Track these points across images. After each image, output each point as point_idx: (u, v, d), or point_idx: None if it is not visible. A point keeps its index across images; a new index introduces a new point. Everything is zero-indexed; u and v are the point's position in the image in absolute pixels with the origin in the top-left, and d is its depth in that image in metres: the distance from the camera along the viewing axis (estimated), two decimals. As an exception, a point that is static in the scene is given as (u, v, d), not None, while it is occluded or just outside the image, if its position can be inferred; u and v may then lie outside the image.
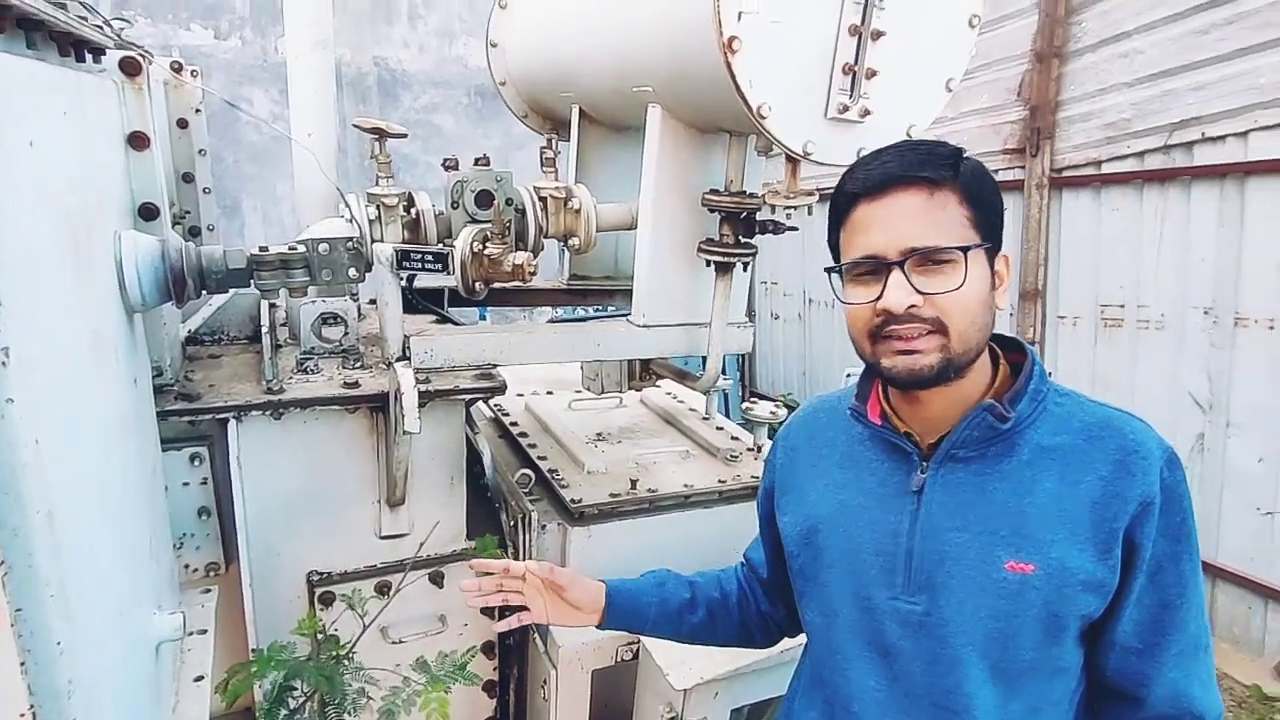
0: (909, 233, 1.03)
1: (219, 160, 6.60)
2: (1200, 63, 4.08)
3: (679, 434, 2.67)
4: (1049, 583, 1.03)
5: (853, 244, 1.09)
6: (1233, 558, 4.19)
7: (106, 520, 0.93)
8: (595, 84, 2.29)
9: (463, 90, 7.35)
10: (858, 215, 1.08)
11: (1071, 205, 4.92)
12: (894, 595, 1.11)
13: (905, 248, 1.02)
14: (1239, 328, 4.07)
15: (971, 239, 1.04)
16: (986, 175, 1.08)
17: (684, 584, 1.42)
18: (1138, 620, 1.06)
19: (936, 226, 1.03)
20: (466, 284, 1.81)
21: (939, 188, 1.03)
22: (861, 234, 1.07)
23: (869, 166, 1.07)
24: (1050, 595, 1.03)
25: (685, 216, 2.09)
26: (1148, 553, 1.03)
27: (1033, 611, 1.04)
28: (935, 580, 1.08)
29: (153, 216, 1.39)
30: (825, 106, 1.61)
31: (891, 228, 1.04)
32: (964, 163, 1.05)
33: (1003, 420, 1.06)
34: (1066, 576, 1.02)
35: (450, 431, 1.95)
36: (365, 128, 1.93)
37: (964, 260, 1.02)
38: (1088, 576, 1.02)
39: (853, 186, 1.08)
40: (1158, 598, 1.05)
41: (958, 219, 1.04)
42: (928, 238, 1.02)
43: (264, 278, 1.33)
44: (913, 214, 1.03)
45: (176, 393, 1.68)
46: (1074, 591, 1.03)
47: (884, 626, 1.12)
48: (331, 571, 1.91)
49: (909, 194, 1.04)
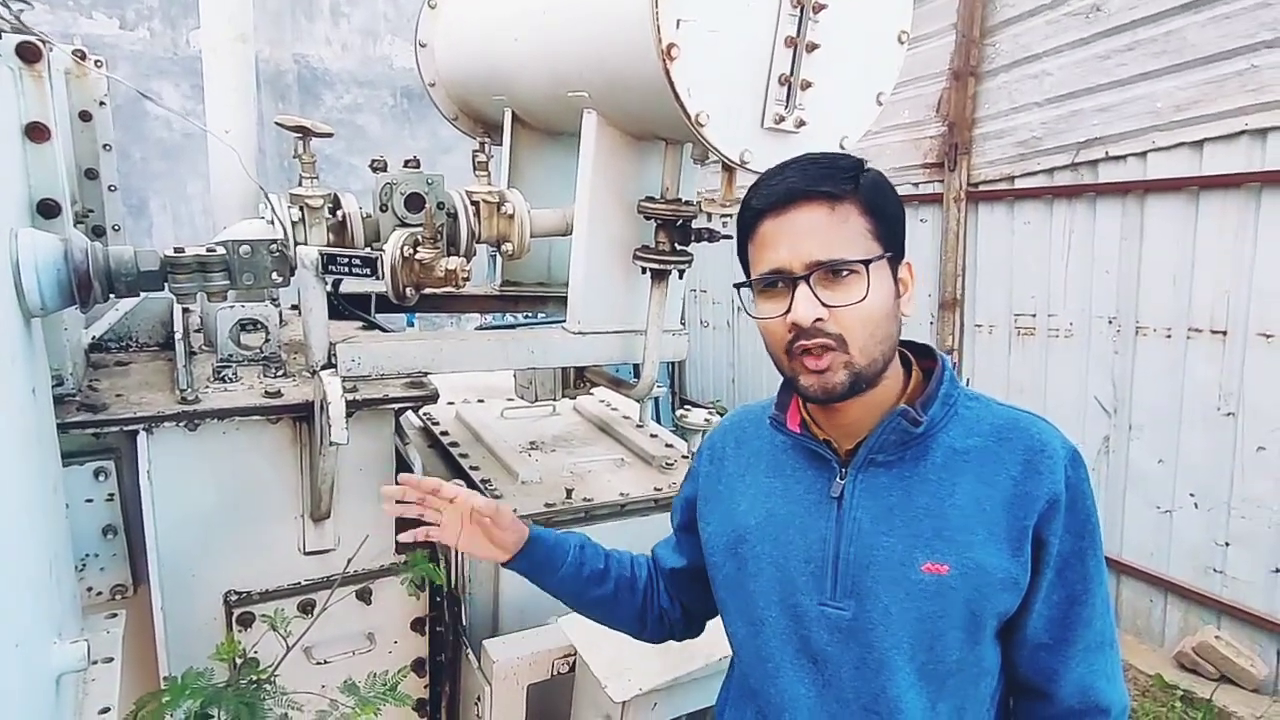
0: (812, 247, 1.05)
1: (125, 157, 6.25)
2: (1103, 86, 4.32)
3: (614, 442, 2.65)
4: (966, 582, 1.05)
5: (760, 259, 1.10)
6: (1135, 553, 4.43)
7: (8, 537, 0.85)
8: (529, 88, 2.26)
9: (388, 91, 7.17)
10: (763, 230, 1.10)
11: (987, 218, 5.13)
12: (822, 601, 1.12)
13: (810, 261, 1.04)
14: (1139, 336, 4.31)
15: (873, 250, 1.06)
16: (887, 186, 1.11)
17: (601, 554, 1.41)
18: (1047, 616, 1.09)
19: (839, 240, 1.05)
20: (397, 289, 1.75)
21: (840, 201, 1.06)
22: (768, 249, 1.09)
23: (772, 183, 1.09)
24: (969, 595, 1.06)
25: (621, 223, 2.08)
26: (1055, 549, 1.07)
27: (954, 611, 1.06)
28: (861, 585, 1.09)
29: (53, 214, 1.29)
30: (761, 116, 1.63)
31: (796, 242, 1.06)
32: (864, 175, 1.08)
33: (915, 424, 1.09)
34: (983, 576, 1.05)
35: (379, 442, 1.88)
36: (288, 125, 1.85)
37: (866, 273, 1.05)
38: (1004, 575, 1.06)
39: (758, 202, 1.10)
40: (1065, 593, 1.09)
41: (859, 231, 1.06)
42: (830, 251, 1.04)
43: (179, 281, 1.25)
44: (815, 228, 1.05)
45: (79, 403, 1.57)
46: (992, 590, 1.06)
47: (813, 633, 1.13)
48: (251, 591, 1.82)
49: (811, 209, 1.06)
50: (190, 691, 1.36)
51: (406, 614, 2.00)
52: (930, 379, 1.16)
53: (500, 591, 2.07)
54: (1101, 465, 4.56)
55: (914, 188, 5.59)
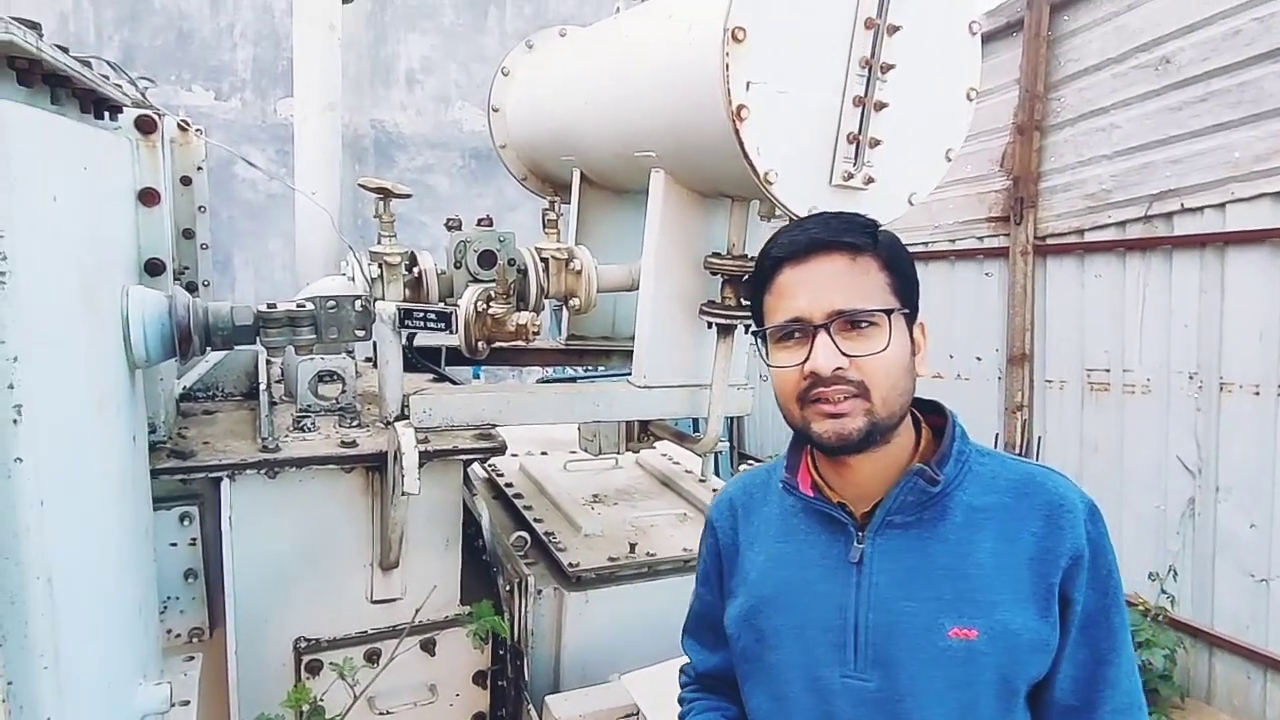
0: (834, 296, 1.05)
1: (214, 216, 6.62)
2: (1176, 137, 4.22)
3: (676, 496, 2.64)
4: (995, 646, 1.02)
5: (778, 308, 1.10)
6: (1228, 625, 4.14)
7: (102, 586, 0.89)
8: (597, 149, 2.33)
9: (458, 152, 7.47)
10: (783, 279, 1.10)
11: (1056, 272, 5.01)
12: (846, 673, 1.08)
13: (831, 310, 1.04)
14: (1224, 393, 4.11)
15: (892, 303, 1.07)
16: (901, 246, 1.12)
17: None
18: (1073, 677, 1.05)
19: (860, 290, 1.06)
20: (470, 343, 1.80)
21: (860, 253, 1.07)
22: (787, 298, 1.09)
23: (793, 233, 1.11)
24: (1000, 659, 1.02)
25: (687, 278, 2.10)
26: (1079, 607, 1.04)
27: (986, 677, 1.02)
28: (886, 654, 1.05)
29: (159, 272, 1.37)
30: (830, 174, 1.65)
31: (816, 291, 1.06)
32: (881, 233, 1.09)
33: (932, 483, 1.07)
34: (1012, 639, 1.02)
35: (447, 493, 1.91)
36: (370, 187, 1.94)
37: (887, 323, 1.05)
38: (1033, 636, 1.02)
39: (778, 251, 1.11)
40: (1090, 653, 1.04)
41: (879, 284, 1.07)
42: (852, 300, 1.05)
43: (270, 335, 1.31)
44: (837, 278, 1.06)
45: (169, 450, 1.64)
46: (1023, 654, 1.02)
47: (837, 708, 1.09)
48: (320, 638, 1.85)
49: (832, 259, 1.07)
50: (264, 737, 1.38)
51: (469, 666, 2.00)
52: (939, 436, 1.14)
53: (562, 646, 2.06)
54: (1187, 529, 4.31)
55: (979, 241, 5.51)
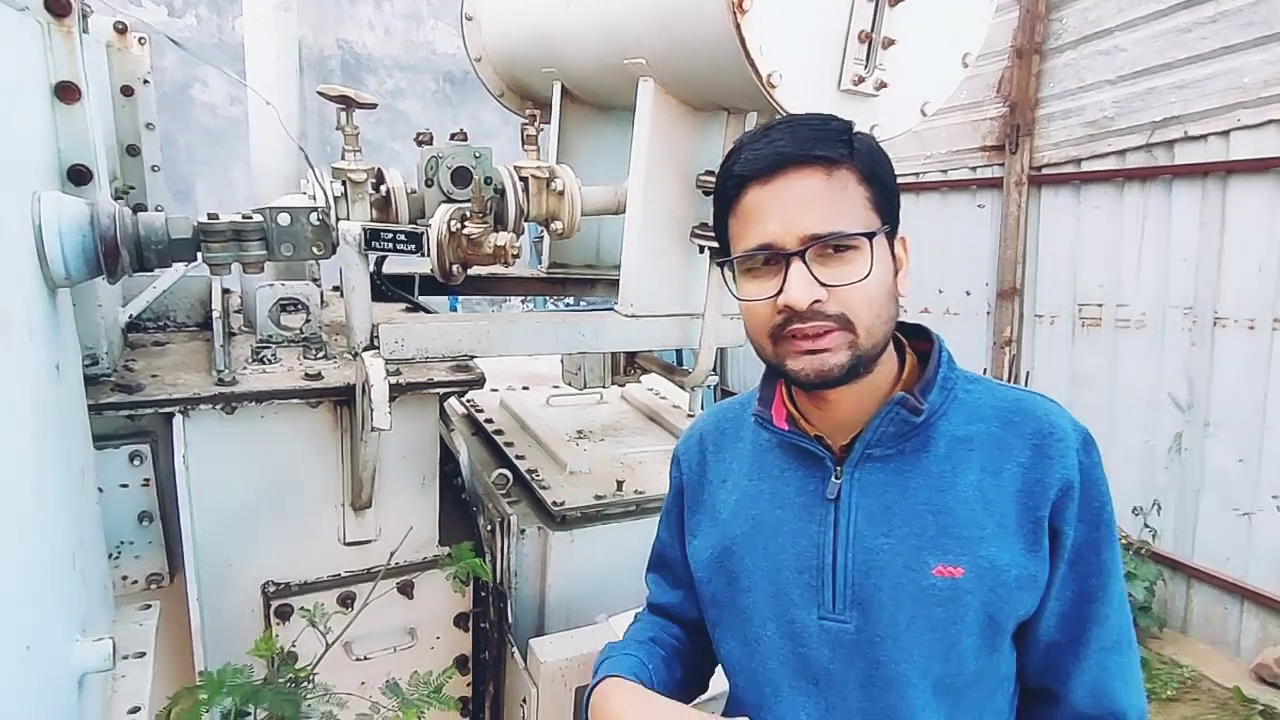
0: (808, 218, 0.93)
1: (170, 143, 6.30)
2: (1183, 61, 4.06)
3: (663, 431, 2.53)
4: (981, 584, 0.95)
5: (745, 233, 0.98)
6: (1209, 558, 4.19)
7: (10, 530, 0.76)
8: (580, 58, 2.14)
9: (430, 75, 7.12)
10: (749, 201, 0.97)
11: (1051, 203, 4.89)
12: (822, 615, 1.01)
13: (806, 235, 0.93)
14: (1218, 328, 4.06)
15: (874, 223, 0.95)
16: (880, 150, 0.99)
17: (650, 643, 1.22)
18: (1059, 613, 1.00)
19: (838, 210, 0.94)
20: (443, 267, 1.65)
21: (836, 167, 0.94)
22: (755, 222, 0.96)
23: (757, 146, 0.97)
24: (985, 597, 0.95)
25: (678, 199, 1.95)
26: (1068, 541, 0.97)
27: (970, 617, 0.95)
28: (864, 594, 0.98)
29: (84, 180, 1.20)
30: (839, 77, 1.49)
31: (788, 213, 0.94)
32: (858, 138, 0.96)
33: (916, 413, 0.98)
34: (999, 575, 0.95)
35: (423, 428, 1.79)
36: (331, 95, 1.76)
37: (869, 247, 0.94)
38: (1021, 572, 0.95)
39: (741, 168, 0.97)
40: (1078, 588, 0.99)
41: (858, 200, 0.95)
42: (830, 223, 0.93)
43: (213, 250, 1.16)
44: (811, 197, 0.94)
45: (114, 383, 1.50)
46: (1008, 591, 0.95)
47: (813, 650, 1.02)
48: (290, 582, 1.74)
49: (805, 175, 0.94)
50: (229, 689, 1.28)
51: (449, 609, 1.91)
52: (925, 363, 1.05)
53: (547, 587, 1.97)
54: (1174, 464, 4.32)
55: (971, 171, 5.36)
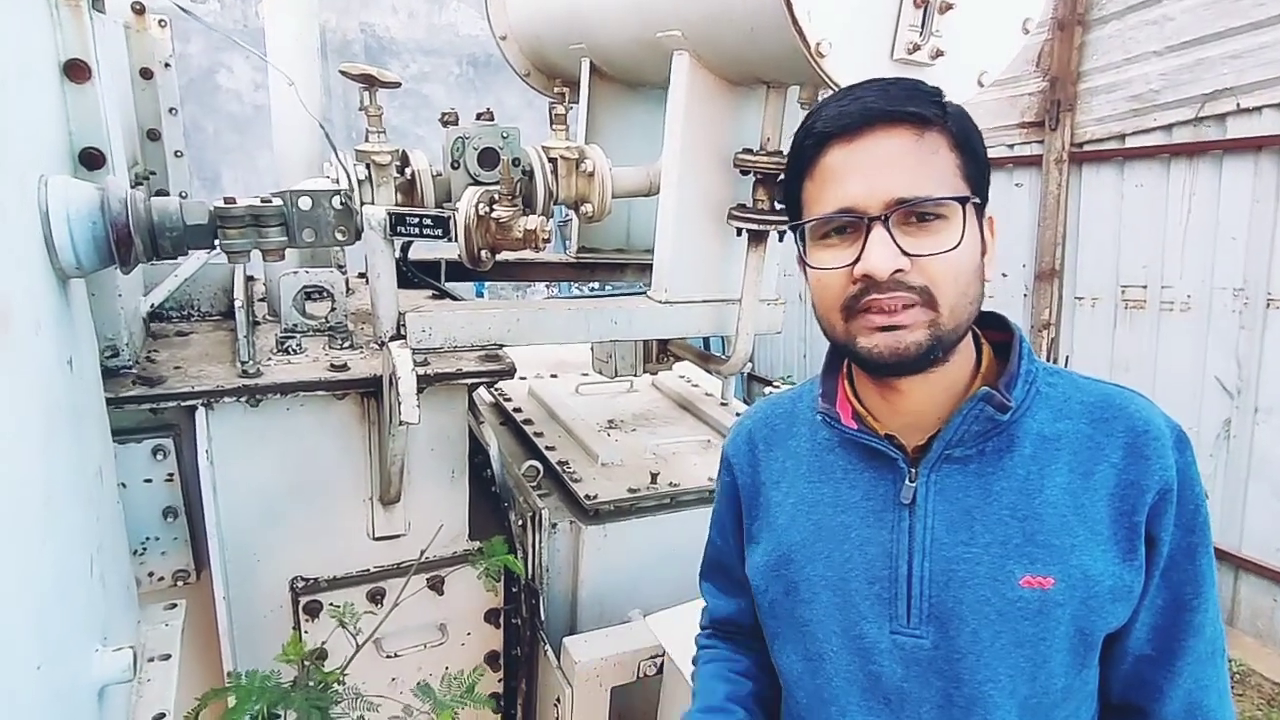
0: (895, 181, 0.84)
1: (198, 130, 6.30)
2: (1236, 29, 3.87)
3: (697, 421, 2.46)
4: (1072, 596, 0.86)
5: (823, 196, 0.89)
6: (1258, 549, 4.04)
7: (17, 542, 0.71)
8: (611, 32, 2.05)
9: (453, 59, 7.04)
10: (830, 161, 0.88)
11: (1092, 181, 4.71)
12: (895, 629, 0.93)
13: (891, 199, 0.84)
14: (1271, 309, 3.89)
15: (964, 190, 0.86)
16: (972, 121, 0.90)
17: (728, 711, 1.12)
18: (1151, 625, 0.92)
19: (927, 174, 0.84)
20: (471, 251, 1.58)
21: (928, 127, 0.85)
22: (835, 184, 0.87)
23: (843, 103, 0.88)
24: (1076, 610, 0.87)
25: (714, 179, 1.87)
26: (1166, 548, 0.89)
27: (1061, 630, 0.87)
28: (944, 607, 0.90)
29: (97, 165, 1.15)
30: (892, 45, 1.39)
31: (873, 175, 0.85)
32: (949, 104, 0.87)
33: (1003, 410, 0.89)
34: (1092, 586, 0.87)
35: (452, 420, 1.73)
36: (353, 74, 1.69)
37: (960, 215, 0.85)
38: (1115, 583, 0.87)
39: (824, 125, 0.88)
40: (1171, 597, 0.91)
41: (949, 166, 0.86)
42: (918, 187, 0.84)
43: (231, 236, 1.10)
44: (899, 158, 0.85)
45: (135, 376, 1.45)
46: (1101, 603, 0.87)
47: (884, 668, 0.93)
48: (319, 578, 1.70)
49: (894, 134, 0.85)
50: (259, 695, 1.23)
51: (480, 605, 1.86)
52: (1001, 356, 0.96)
53: (579, 583, 1.91)
54: (1221, 451, 4.16)
55: (1009, 149, 5.18)
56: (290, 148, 1.90)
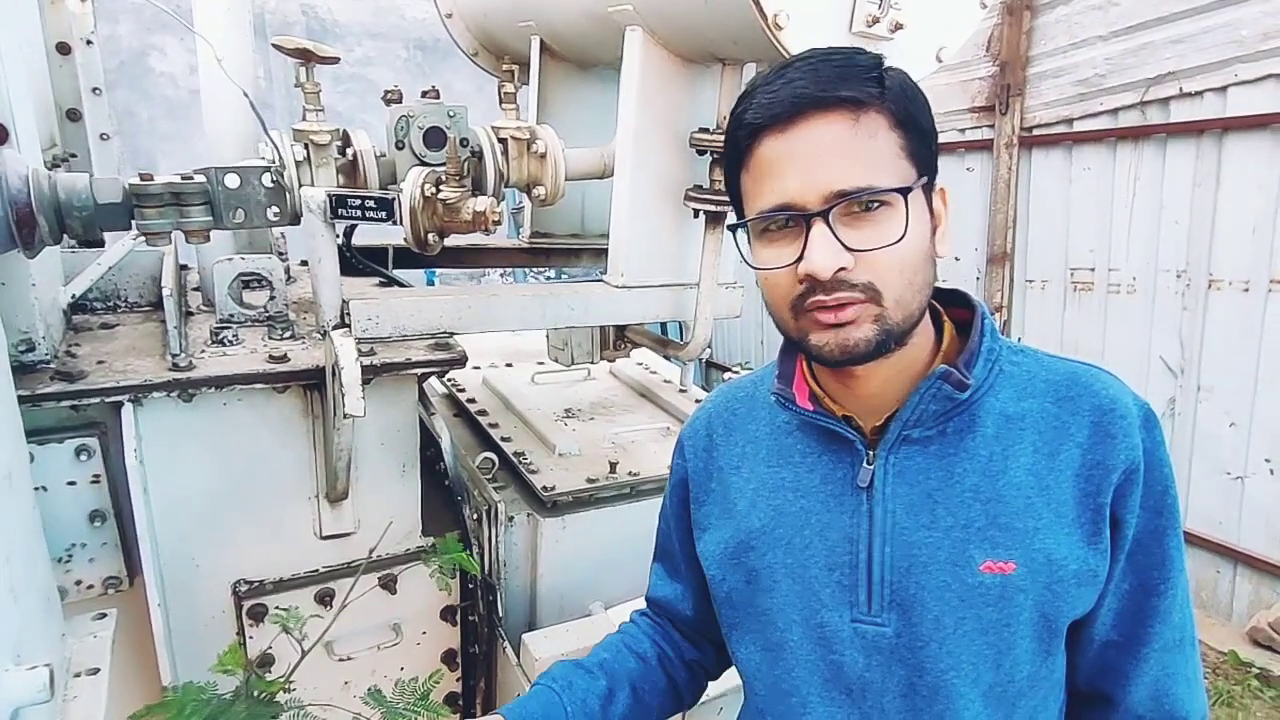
0: (832, 173, 0.80)
1: (131, 116, 6.02)
2: (1178, 14, 3.95)
3: (656, 408, 2.42)
4: (1035, 581, 0.84)
5: (760, 191, 0.85)
6: (1202, 522, 4.17)
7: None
8: (561, 8, 1.98)
9: (400, 43, 6.86)
10: (764, 153, 0.84)
11: (1041, 165, 4.79)
12: (856, 617, 0.90)
13: (830, 192, 0.80)
14: (1212, 290, 4.00)
15: (908, 175, 0.83)
16: (915, 90, 0.85)
17: (592, 673, 1.10)
18: (1117, 610, 0.90)
19: (866, 160, 0.81)
20: (417, 235, 1.50)
21: (864, 110, 0.81)
22: (771, 178, 0.84)
23: (771, 88, 0.83)
24: (1040, 595, 0.85)
25: (670, 161, 1.82)
26: (1131, 530, 0.87)
27: (1024, 617, 0.85)
28: (905, 593, 0.88)
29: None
30: (850, 18, 1.35)
31: (809, 168, 0.81)
32: (888, 75, 0.82)
33: (961, 388, 0.87)
34: (1055, 570, 0.85)
35: (401, 412, 1.66)
36: (288, 49, 1.59)
37: (903, 204, 0.81)
38: (1080, 566, 0.85)
39: (754, 115, 0.84)
40: (1138, 581, 0.89)
41: (890, 149, 0.82)
42: (858, 177, 0.80)
43: (148, 216, 1.01)
44: (835, 147, 0.81)
45: (54, 371, 1.35)
46: (1065, 588, 0.85)
47: (845, 657, 0.91)
48: (264, 580, 1.61)
49: (828, 121, 0.81)
50: (192, 708, 1.16)
51: (435, 603, 1.80)
52: (962, 331, 0.94)
53: (538, 577, 1.86)
54: (1166, 429, 4.26)
55: (960, 134, 5.24)
56: (221, 127, 1.79)
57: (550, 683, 1.08)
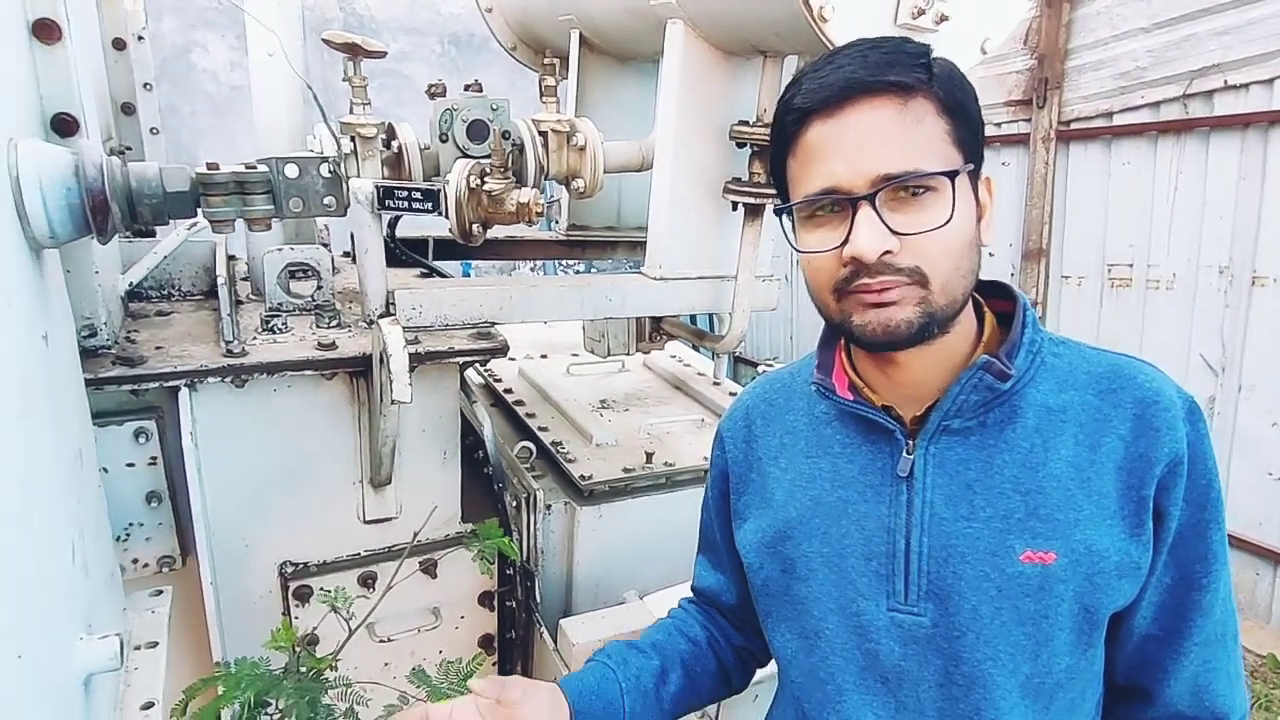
0: (880, 157, 0.81)
1: (174, 112, 6.15)
2: (1223, 6, 3.87)
3: (690, 400, 2.43)
4: (1076, 572, 0.84)
5: (806, 175, 0.86)
6: (1241, 523, 4.09)
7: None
8: (602, 1, 2.00)
9: (435, 38, 6.92)
10: (811, 138, 0.84)
11: (1079, 159, 4.71)
12: (893, 606, 0.91)
13: (876, 176, 0.81)
14: (1256, 287, 3.92)
15: (955, 160, 0.83)
16: (963, 78, 0.86)
17: (647, 651, 1.12)
18: (1158, 604, 0.89)
19: (913, 145, 0.81)
20: (462, 226, 1.53)
21: (912, 96, 0.81)
22: (818, 162, 0.84)
23: (820, 74, 0.84)
24: (1080, 586, 0.84)
25: (709, 153, 1.83)
26: (1174, 522, 0.86)
27: (1064, 608, 0.85)
28: (943, 583, 0.88)
29: (70, 131, 1.09)
30: (895, 9, 1.35)
31: (857, 152, 0.81)
32: (937, 63, 0.83)
33: (1003, 378, 0.87)
34: (1097, 562, 0.84)
35: (443, 400, 1.69)
36: (336, 43, 1.62)
37: (950, 188, 0.82)
38: (1121, 558, 0.84)
39: (802, 100, 0.84)
40: (1179, 575, 0.88)
41: (938, 135, 0.82)
42: (905, 161, 0.81)
43: (214, 204, 1.05)
44: (883, 132, 0.81)
45: (115, 356, 1.40)
46: (1107, 579, 0.84)
47: (881, 646, 0.92)
48: (308, 563, 1.66)
49: (876, 106, 0.81)
50: (246, 683, 1.20)
51: (474, 588, 1.83)
52: (1003, 323, 0.94)
53: (574, 564, 1.88)
54: (1206, 428, 4.20)
55: (996, 128, 5.17)
56: (272, 120, 1.83)
57: (605, 659, 1.10)
